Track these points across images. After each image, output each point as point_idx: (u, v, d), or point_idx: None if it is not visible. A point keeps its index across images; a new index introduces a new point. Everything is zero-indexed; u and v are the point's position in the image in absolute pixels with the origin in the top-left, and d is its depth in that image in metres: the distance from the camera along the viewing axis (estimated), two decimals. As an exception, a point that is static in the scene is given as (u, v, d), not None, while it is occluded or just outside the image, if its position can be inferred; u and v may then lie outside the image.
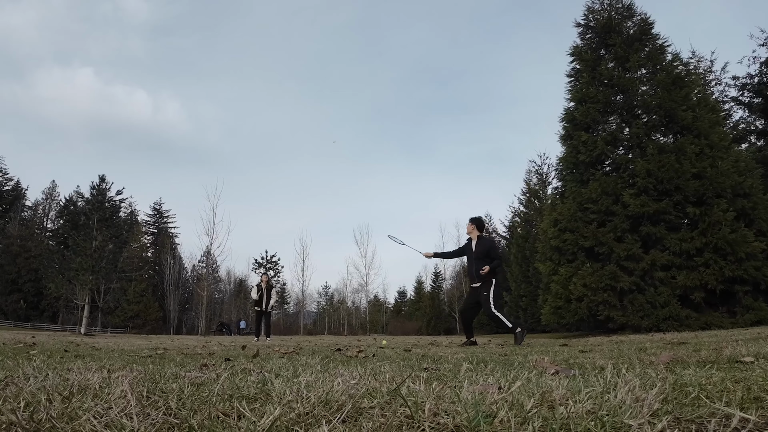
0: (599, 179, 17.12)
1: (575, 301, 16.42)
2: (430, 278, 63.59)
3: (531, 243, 31.55)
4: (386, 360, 2.94)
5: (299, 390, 1.27)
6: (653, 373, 1.70)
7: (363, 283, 57.44)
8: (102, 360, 2.83)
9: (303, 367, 2.24)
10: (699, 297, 14.88)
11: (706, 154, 15.66)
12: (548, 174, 38.76)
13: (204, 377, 1.71)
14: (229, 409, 1.09)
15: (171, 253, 60.04)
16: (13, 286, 50.41)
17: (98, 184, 34.70)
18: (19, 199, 60.63)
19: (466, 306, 7.41)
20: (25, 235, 54.14)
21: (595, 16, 19.23)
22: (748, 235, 14.44)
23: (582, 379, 1.57)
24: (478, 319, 36.18)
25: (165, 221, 66.04)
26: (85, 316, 31.56)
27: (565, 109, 19.09)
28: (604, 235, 16.32)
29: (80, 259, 31.07)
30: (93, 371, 1.71)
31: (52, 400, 1.11)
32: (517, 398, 1.14)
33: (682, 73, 17.36)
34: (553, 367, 2.11)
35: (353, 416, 1.04)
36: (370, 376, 1.70)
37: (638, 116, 17.78)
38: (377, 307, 68.17)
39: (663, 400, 1.14)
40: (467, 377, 1.71)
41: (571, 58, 19.44)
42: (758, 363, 2.08)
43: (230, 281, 68.43)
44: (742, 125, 23.18)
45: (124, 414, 0.99)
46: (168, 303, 56.25)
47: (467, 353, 3.85)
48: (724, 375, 1.61)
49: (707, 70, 24.38)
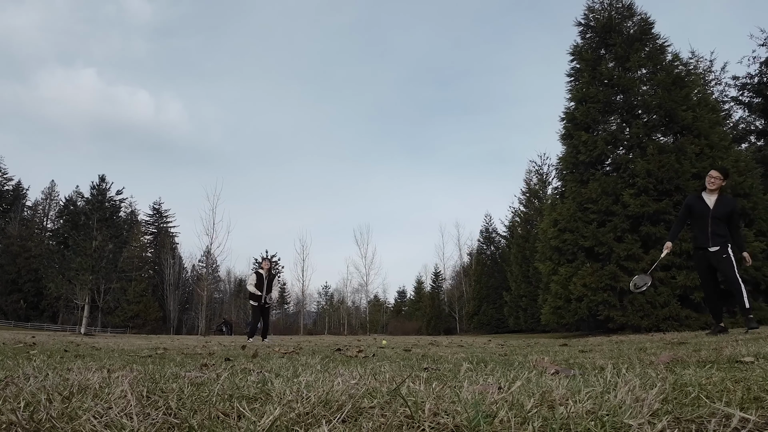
0: (599, 179, 17.12)
1: (575, 301, 16.42)
2: (430, 278, 63.70)
3: (531, 243, 31.56)
4: (386, 360, 2.94)
5: (299, 390, 1.27)
6: (653, 373, 1.70)
7: (363, 283, 57.50)
8: (102, 360, 2.83)
9: (303, 367, 2.24)
10: (699, 297, 14.86)
11: (706, 154, 15.66)
12: (548, 174, 38.81)
13: (204, 377, 1.71)
14: (229, 409, 1.09)
15: (171, 253, 60.05)
16: (13, 286, 50.43)
17: (98, 184, 34.69)
18: (19, 199, 60.64)
19: (705, 279, 6.08)
20: (25, 235, 54.16)
21: (595, 15, 19.23)
22: (748, 235, 14.44)
23: (582, 379, 1.57)
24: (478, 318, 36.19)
25: (165, 221, 66.05)
26: (85, 316, 31.55)
27: (566, 109, 19.10)
28: (604, 235, 16.32)
29: (80, 259, 31.06)
30: (93, 371, 1.71)
31: (52, 400, 1.11)
32: (517, 398, 1.14)
33: (682, 73, 17.36)
34: (553, 367, 2.11)
35: (353, 416, 1.04)
36: (370, 376, 1.70)
37: (638, 116, 17.78)
38: (377, 307, 68.21)
39: (663, 400, 1.14)
40: (467, 377, 1.71)
41: (572, 58, 19.45)
42: (758, 363, 2.08)
43: (230, 281, 68.51)
44: (742, 125, 23.18)
45: (124, 414, 0.99)
46: (168, 303, 56.25)
47: (467, 353, 3.85)
48: (724, 375, 1.61)
49: (707, 70, 24.41)
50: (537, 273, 24.18)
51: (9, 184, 60.84)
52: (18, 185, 61.42)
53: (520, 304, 33.92)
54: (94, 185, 34.60)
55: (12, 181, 61.11)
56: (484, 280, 43.47)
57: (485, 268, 44.70)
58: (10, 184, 60.87)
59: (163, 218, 66.06)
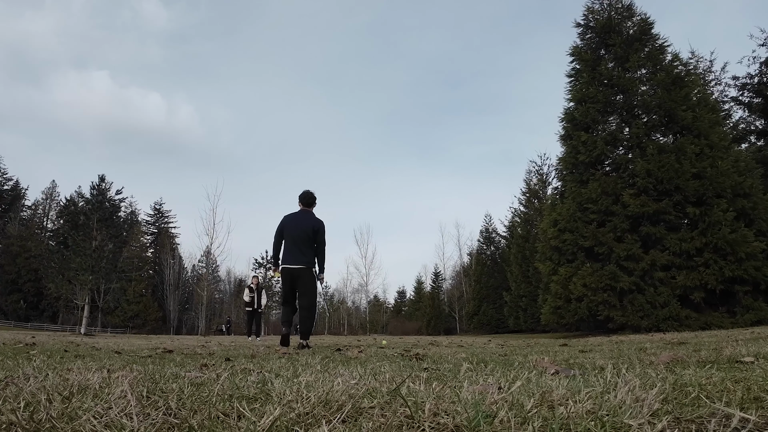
0: (599, 179, 17.12)
1: (575, 301, 16.42)
2: (430, 278, 63.66)
3: (531, 243, 31.56)
4: (386, 360, 2.94)
5: (299, 390, 1.27)
6: (653, 373, 1.70)
7: (363, 283, 57.42)
8: (102, 360, 2.83)
9: (303, 367, 2.24)
10: (699, 297, 14.88)
11: (706, 154, 15.66)
12: (548, 174, 38.79)
13: (204, 377, 1.71)
14: (229, 409, 1.09)
15: (171, 253, 59.97)
16: (13, 286, 50.40)
17: (98, 184, 34.72)
18: (19, 199, 60.61)
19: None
20: (25, 235, 54.10)
21: (594, 16, 19.23)
22: (748, 235, 14.44)
23: (582, 379, 1.57)
24: (478, 318, 36.10)
25: (165, 221, 65.99)
26: (85, 316, 31.54)
27: (565, 109, 19.10)
28: (604, 235, 16.32)
29: (80, 259, 31.06)
30: (93, 371, 1.71)
31: (52, 400, 1.11)
32: (517, 398, 1.14)
33: (681, 73, 17.36)
34: (553, 367, 2.11)
35: (353, 416, 1.04)
36: (370, 377, 1.70)
37: (638, 116, 17.78)
38: (377, 307, 68.18)
39: (663, 400, 1.14)
40: (467, 377, 1.71)
41: (571, 59, 19.46)
42: (758, 363, 2.08)
43: (230, 281, 68.43)
44: (742, 125, 23.17)
45: (124, 414, 0.99)
46: (168, 303, 56.18)
47: (467, 353, 3.85)
48: (724, 375, 1.61)
49: (707, 70, 24.39)
50: (537, 273, 24.19)
51: (8, 183, 60.82)
52: (16, 185, 61.39)
53: (520, 304, 33.90)
54: (93, 185, 34.66)
55: (11, 181, 61.11)
56: (484, 280, 43.46)
57: (485, 268, 44.67)
58: (9, 183, 60.85)
59: (164, 218, 66.03)
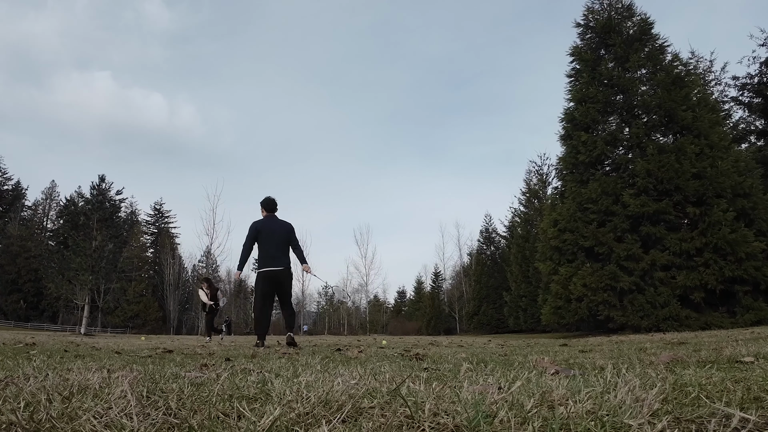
0: (599, 179, 17.12)
1: (575, 301, 16.42)
2: (430, 278, 63.68)
3: (531, 243, 31.57)
4: (386, 360, 2.94)
5: (299, 390, 1.27)
6: (653, 373, 1.70)
7: (363, 283, 57.44)
8: (102, 360, 2.83)
9: (303, 367, 2.24)
10: (699, 297, 14.88)
11: (706, 154, 15.66)
12: (548, 174, 38.83)
13: (204, 377, 1.71)
14: (229, 409, 1.09)
15: (171, 253, 59.99)
16: (13, 286, 50.41)
17: (98, 184, 34.70)
18: (18, 199, 60.62)
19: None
20: (25, 235, 54.12)
21: (594, 16, 19.24)
22: (748, 235, 14.44)
23: (582, 379, 1.57)
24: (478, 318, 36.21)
25: (165, 221, 66.02)
26: (85, 316, 31.54)
27: (565, 109, 19.10)
28: (604, 235, 16.32)
29: (80, 259, 31.05)
30: (93, 371, 1.71)
31: (52, 400, 1.11)
32: (517, 398, 1.14)
33: (681, 73, 17.36)
34: (553, 367, 2.11)
35: (353, 416, 1.04)
36: (370, 376, 1.70)
37: (638, 116, 17.78)
38: (377, 307, 68.17)
39: (663, 400, 1.14)
40: (467, 377, 1.71)
41: (571, 59, 19.47)
42: (758, 363, 2.08)
43: (230, 281, 68.40)
44: (742, 125, 23.18)
45: (124, 414, 0.99)
46: (168, 303, 56.18)
47: (467, 353, 3.85)
48: (724, 375, 1.61)
49: (707, 70, 24.39)
50: (537, 273, 24.18)
51: (8, 183, 60.82)
52: (17, 185, 61.40)
53: (520, 304, 33.91)
54: (93, 185, 34.64)
55: (11, 181, 61.13)
56: (484, 280, 43.47)
57: (485, 268, 44.68)
58: (9, 183, 60.85)
59: (164, 218, 66.06)
